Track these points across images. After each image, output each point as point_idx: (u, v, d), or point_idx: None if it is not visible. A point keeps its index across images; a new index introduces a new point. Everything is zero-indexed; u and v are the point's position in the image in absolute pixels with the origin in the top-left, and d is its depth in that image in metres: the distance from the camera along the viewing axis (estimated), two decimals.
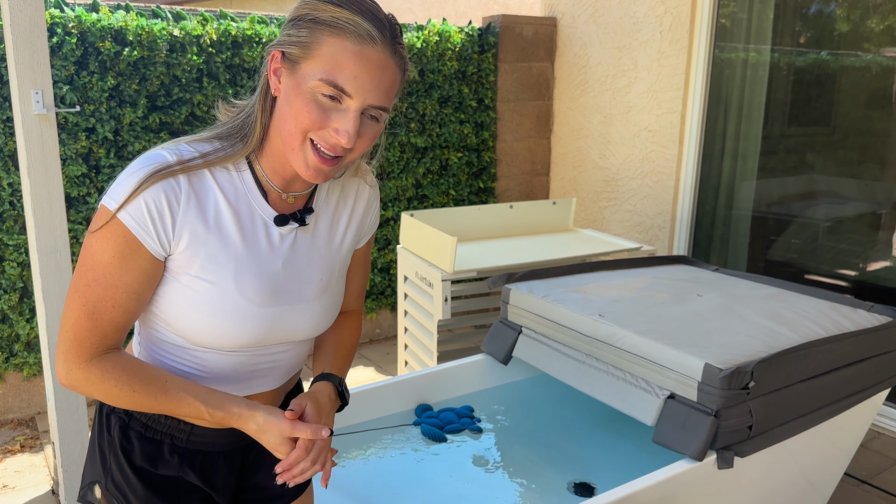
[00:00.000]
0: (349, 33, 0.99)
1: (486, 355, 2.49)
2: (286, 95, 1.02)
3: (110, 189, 1.03)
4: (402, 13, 7.57)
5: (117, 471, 1.15)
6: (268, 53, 1.05)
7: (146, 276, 1.04)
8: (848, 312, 2.25)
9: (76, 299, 1.02)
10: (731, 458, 1.79)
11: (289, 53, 1.02)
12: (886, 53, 3.25)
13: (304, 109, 1.00)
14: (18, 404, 3.42)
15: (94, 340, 1.03)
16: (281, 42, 1.03)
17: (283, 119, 1.03)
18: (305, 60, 1.00)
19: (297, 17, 1.02)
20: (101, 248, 1.01)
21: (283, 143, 1.05)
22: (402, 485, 1.93)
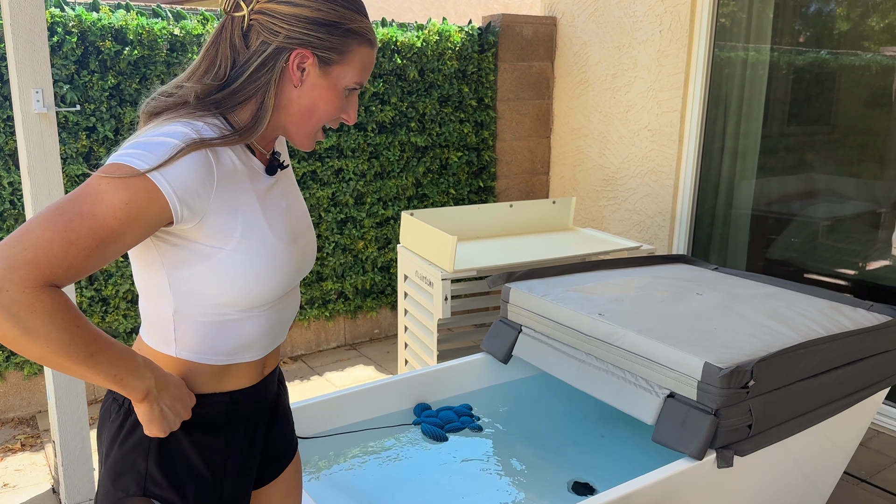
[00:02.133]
0: (370, 41, 1.17)
1: (485, 354, 2.49)
2: (313, 88, 1.14)
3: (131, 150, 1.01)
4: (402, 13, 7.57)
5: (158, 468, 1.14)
6: (290, 50, 1.11)
7: (145, 235, 1.02)
8: (847, 311, 2.25)
9: (57, 222, 0.94)
10: (730, 458, 1.79)
11: (322, 55, 1.12)
12: (886, 52, 3.25)
13: (335, 103, 1.17)
14: (19, 403, 3.42)
15: (55, 272, 0.94)
16: (312, 44, 1.11)
17: (303, 105, 1.15)
18: (339, 65, 1.14)
19: (328, 23, 1.12)
20: (113, 191, 0.98)
21: (293, 122, 1.17)
22: (402, 483, 1.93)
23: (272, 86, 1.12)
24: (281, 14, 1.10)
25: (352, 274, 4.26)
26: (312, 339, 4.26)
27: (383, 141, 4.19)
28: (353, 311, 4.33)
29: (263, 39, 1.11)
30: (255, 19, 1.11)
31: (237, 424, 1.21)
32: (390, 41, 4.08)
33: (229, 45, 1.13)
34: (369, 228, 4.24)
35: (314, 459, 2.03)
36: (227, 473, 1.19)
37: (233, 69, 1.13)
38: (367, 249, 4.27)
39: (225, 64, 1.13)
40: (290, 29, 1.10)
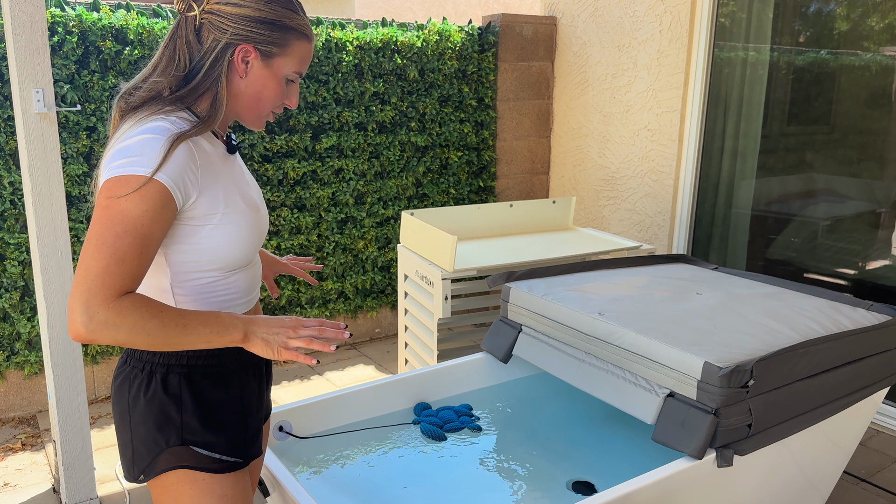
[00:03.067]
0: (306, 36, 1.35)
1: (485, 354, 2.49)
2: (257, 78, 1.32)
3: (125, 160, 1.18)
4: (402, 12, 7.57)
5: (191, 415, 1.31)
6: (235, 45, 1.28)
7: (167, 225, 1.21)
8: (847, 311, 2.26)
9: (104, 249, 1.14)
10: (730, 457, 1.80)
11: (263, 49, 1.30)
12: (885, 52, 3.25)
13: (277, 90, 1.35)
14: (20, 402, 3.42)
15: (123, 283, 1.15)
16: (255, 40, 1.29)
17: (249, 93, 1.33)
18: (280, 57, 1.32)
19: (269, 20, 1.29)
20: (133, 205, 1.16)
21: (242, 106, 1.35)
22: (402, 483, 1.93)
23: (223, 78, 1.30)
24: (227, 14, 1.27)
25: (352, 273, 4.26)
26: None
27: (383, 141, 4.19)
28: (353, 310, 4.34)
29: (214, 37, 1.28)
30: (206, 18, 1.28)
31: (247, 370, 1.41)
32: (390, 41, 4.09)
33: (185, 41, 1.30)
34: (369, 228, 4.25)
35: (314, 459, 2.03)
36: (248, 411, 1.40)
37: (192, 63, 1.30)
38: (367, 249, 4.28)
39: (184, 58, 1.30)
40: (236, 27, 1.27)
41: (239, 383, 1.39)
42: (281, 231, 3.92)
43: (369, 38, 4.01)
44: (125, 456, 1.35)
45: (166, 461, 1.31)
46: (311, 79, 3.86)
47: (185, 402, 1.31)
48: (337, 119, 4.00)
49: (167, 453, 1.30)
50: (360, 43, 3.98)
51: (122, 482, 2.86)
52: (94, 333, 1.12)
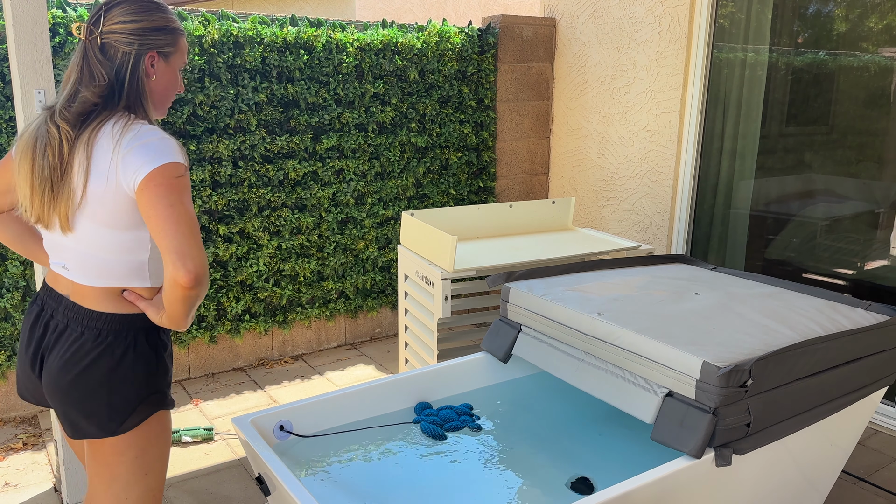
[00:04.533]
0: (183, 32, 1.65)
1: (485, 353, 2.50)
2: (163, 76, 1.61)
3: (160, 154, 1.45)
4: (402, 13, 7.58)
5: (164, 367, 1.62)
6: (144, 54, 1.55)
7: None
8: (846, 311, 2.26)
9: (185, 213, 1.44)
10: (729, 456, 1.81)
11: (163, 52, 1.59)
12: (884, 53, 3.26)
13: (177, 81, 1.65)
14: (21, 402, 3.43)
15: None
16: (157, 46, 1.57)
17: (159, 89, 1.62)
18: (173, 55, 1.62)
19: (161, 27, 1.57)
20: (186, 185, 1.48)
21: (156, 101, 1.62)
22: (402, 482, 1.94)
23: (143, 83, 1.57)
24: (126, 31, 1.53)
25: (352, 273, 4.27)
26: (313, 338, 4.27)
27: (384, 141, 4.20)
28: (353, 310, 4.35)
29: (123, 51, 1.53)
30: (107, 38, 1.53)
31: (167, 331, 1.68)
32: (391, 42, 4.10)
33: (96, 59, 1.53)
34: (370, 228, 4.26)
35: (315, 458, 2.04)
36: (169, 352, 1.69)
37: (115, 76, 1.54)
38: (367, 249, 4.28)
39: (100, 73, 1.53)
40: (139, 39, 1.54)
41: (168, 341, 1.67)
42: (282, 231, 3.93)
43: (370, 39, 4.02)
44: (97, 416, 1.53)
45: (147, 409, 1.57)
46: (312, 80, 3.88)
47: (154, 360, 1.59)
48: (337, 120, 4.01)
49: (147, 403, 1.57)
50: (361, 44, 3.99)
51: None
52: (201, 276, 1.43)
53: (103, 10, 1.54)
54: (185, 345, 3.81)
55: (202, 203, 3.67)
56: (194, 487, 2.83)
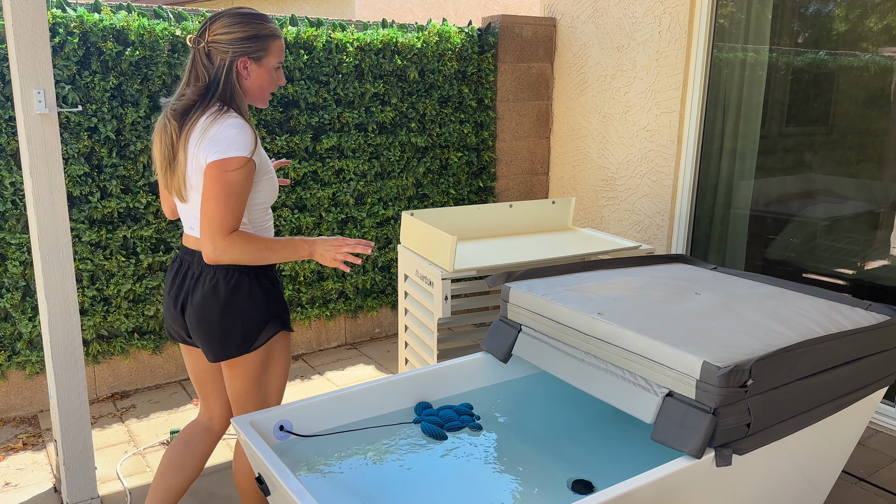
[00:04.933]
0: (278, 36, 1.95)
1: (485, 353, 2.50)
2: (257, 76, 1.94)
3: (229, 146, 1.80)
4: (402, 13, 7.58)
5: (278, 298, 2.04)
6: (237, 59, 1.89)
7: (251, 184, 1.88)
8: (846, 311, 2.26)
9: (221, 204, 1.81)
10: (729, 456, 1.81)
11: (254, 56, 1.91)
12: (884, 53, 3.26)
13: (272, 79, 1.97)
14: (21, 402, 3.43)
15: (233, 223, 1.84)
16: (248, 52, 1.90)
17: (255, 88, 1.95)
18: (265, 57, 1.93)
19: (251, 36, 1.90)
20: (240, 177, 1.82)
21: (252, 96, 1.97)
22: (402, 482, 1.94)
23: (236, 83, 1.91)
24: (224, 41, 1.88)
25: (352, 273, 4.27)
26: (313, 338, 4.28)
27: (384, 141, 4.20)
28: (353, 310, 4.35)
29: (220, 57, 1.88)
30: (211, 46, 1.88)
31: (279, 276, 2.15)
32: (391, 42, 4.10)
33: (202, 64, 1.89)
34: (370, 228, 4.26)
35: (315, 458, 2.04)
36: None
37: (211, 77, 1.88)
38: None
39: (203, 75, 1.89)
40: (234, 49, 1.88)
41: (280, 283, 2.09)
42: (282, 231, 3.93)
43: (370, 39, 4.02)
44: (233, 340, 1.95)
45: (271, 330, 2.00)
46: (312, 80, 3.88)
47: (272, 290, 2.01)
48: (337, 120, 4.01)
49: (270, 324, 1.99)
50: (361, 44, 3.99)
51: (122, 482, 2.86)
52: (220, 256, 1.83)
53: (208, 23, 1.89)
54: None
55: None
56: (194, 487, 2.83)
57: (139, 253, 3.55)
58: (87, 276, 3.44)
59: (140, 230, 3.52)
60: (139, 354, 3.71)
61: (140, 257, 3.54)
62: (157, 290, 3.64)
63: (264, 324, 1.99)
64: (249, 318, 1.96)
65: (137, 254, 3.55)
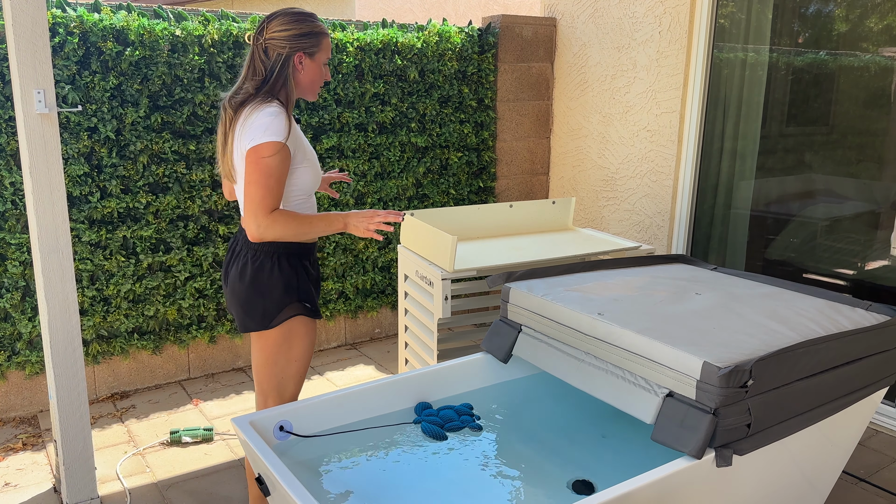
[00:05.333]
0: (327, 34, 2.12)
1: (485, 353, 2.50)
2: (310, 71, 2.11)
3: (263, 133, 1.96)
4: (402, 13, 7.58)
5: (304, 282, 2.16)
6: (293, 55, 2.06)
7: (287, 168, 2.03)
8: (846, 311, 2.26)
9: (260, 187, 1.97)
10: (729, 456, 1.80)
11: (308, 52, 2.09)
12: (884, 53, 3.26)
13: (321, 73, 2.15)
14: (20, 402, 3.43)
15: (272, 203, 2.00)
16: (303, 47, 2.07)
17: (307, 82, 2.13)
18: (317, 53, 2.11)
19: (306, 33, 2.07)
20: (275, 162, 1.98)
21: (304, 89, 2.14)
22: (402, 482, 1.94)
23: (290, 77, 2.08)
24: (281, 38, 2.04)
25: (352, 274, 4.27)
26: None
27: (384, 141, 4.20)
28: (353, 310, 4.35)
29: (278, 52, 2.04)
30: (269, 43, 2.05)
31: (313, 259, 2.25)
32: (391, 42, 4.10)
33: (259, 59, 2.06)
34: None
35: (315, 458, 2.04)
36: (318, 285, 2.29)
37: (268, 71, 2.05)
38: (367, 249, 4.28)
39: (260, 69, 2.06)
40: (290, 44, 2.05)
41: (317, 264, 2.27)
42: None
43: (370, 39, 4.02)
44: (255, 314, 2.12)
45: (289, 312, 2.13)
46: None
47: (302, 274, 2.15)
48: (337, 120, 4.01)
49: (289, 307, 2.13)
50: (361, 44, 3.99)
51: (122, 482, 2.86)
52: (263, 234, 1.99)
53: (266, 21, 2.06)
54: (184, 345, 3.81)
55: (202, 203, 3.67)
56: (194, 487, 2.83)
57: (139, 253, 3.55)
58: (87, 276, 3.44)
59: (140, 230, 3.52)
60: (139, 354, 3.71)
61: (140, 257, 3.54)
62: (156, 290, 3.64)
63: (284, 305, 2.12)
64: (270, 298, 2.11)
65: (137, 254, 3.55)
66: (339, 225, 2.08)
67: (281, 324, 2.13)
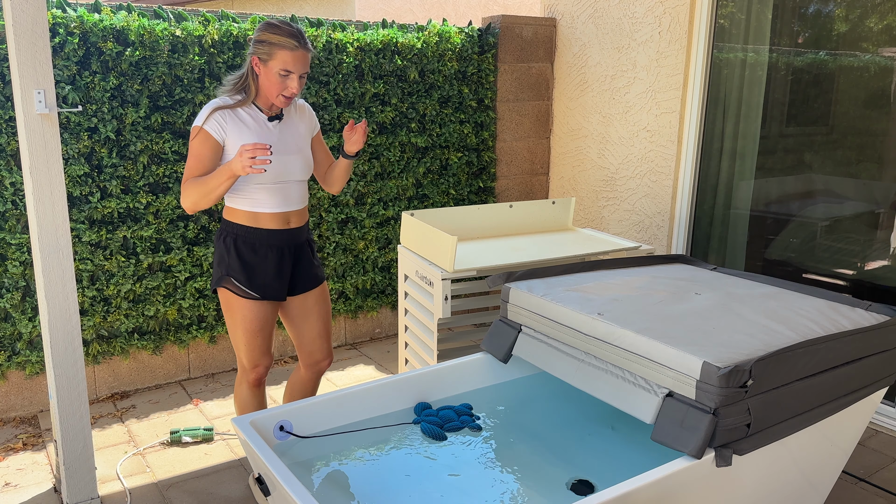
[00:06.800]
0: (285, 47, 2.26)
1: (485, 354, 2.50)
2: (265, 76, 2.30)
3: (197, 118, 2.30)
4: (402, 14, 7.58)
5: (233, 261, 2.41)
6: (249, 57, 2.31)
7: (213, 152, 2.31)
8: (846, 311, 2.26)
9: (189, 164, 2.29)
10: (729, 456, 1.81)
11: (261, 58, 2.28)
12: (884, 53, 3.26)
13: (275, 83, 2.30)
14: (21, 402, 3.43)
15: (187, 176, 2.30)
16: (256, 52, 2.28)
17: (265, 86, 2.32)
18: (270, 61, 2.28)
19: (261, 41, 2.27)
20: (197, 142, 2.28)
21: (265, 93, 2.33)
22: (402, 482, 1.94)
23: (249, 76, 2.34)
24: (251, 40, 2.32)
25: (352, 274, 4.27)
26: None
27: (384, 142, 4.20)
28: (353, 310, 4.35)
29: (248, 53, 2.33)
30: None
31: (268, 248, 2.44)
32: (391, 42, 4.10)
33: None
34: (370, 229, 4.26)
35: (315, 458, 2.04)
36: (258, 270, 2.43)
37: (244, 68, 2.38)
38: (367, 249, 4.28)
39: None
40: (252, 47, 2.30)
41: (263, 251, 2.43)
42: None
43: (370, 39, 4.02)
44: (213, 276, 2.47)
45: (220, 282, 2.43)
46: (312, 80, 3.88)
47: (231, 253, 2.40)
48: (337, 120, 4.01)
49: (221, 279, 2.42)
50: (361, 44, 3.99)
51: (122, 482, 2.86)
52: (182, 202, 2.30)
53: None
54: (184, 345, 3.81)
55: None
56: (194, 487, 2.83)
57: (139, 253, 3.55)
58: (87, 276, 3.44)
59: (140, 230, 3.52)
60: (139, 354, 3.71)
61: (140, 257, 3.54)
62: (156, 290, 3.64)
63: (217, 276, 2.45)
64: (215, 266, 2.47)
65: (137, 254, 3.55)
66: (226, 173, 2.21)
67: (216, 291, 2.48)
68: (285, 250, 2.46)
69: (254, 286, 2.41)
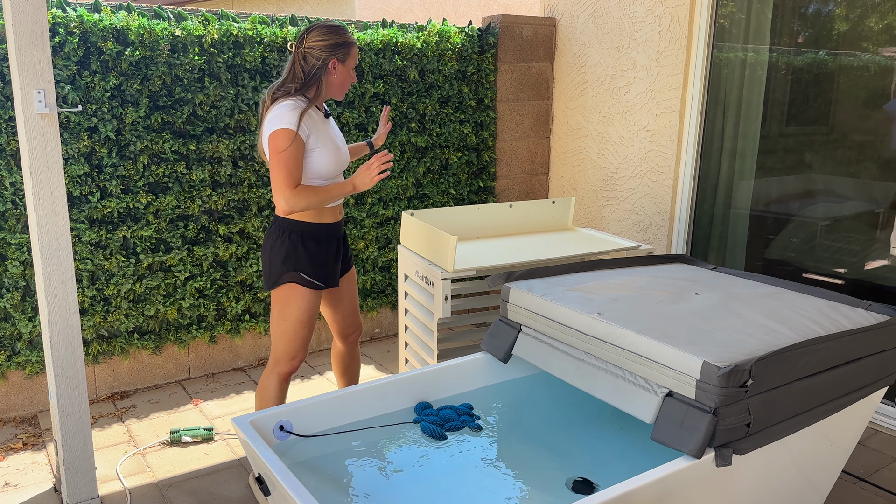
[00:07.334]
0: (355, 43, 2.51)
1: (485, 353, 2.50)
2: (341, 74, 2.50)
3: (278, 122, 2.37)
4: (402, 13, 7.58)
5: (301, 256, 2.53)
6: (329, 61, 2.45)
7: (302, 151, 2.40)
8: (846, 311, 2.26)
9: (282, 169, 2.36)
10: (729, 456, 1.81)
11: (341, 59, 2.47)
12: (884, 53, 3.26)
13: (350, 77, 2.53)
14: (21, 402, 3.43)
15: (294, 181, 2.38)
16: (336, 55, 2.45)
17: (339, 83, 2.52)
18: (348, 59, 2.50)
19: (339, 43, 2.46)
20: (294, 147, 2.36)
21: (335, 90, 2.52)
22: (402, 482, 1.94)
23: (322, 79, 2.47)
24: (318, 48, 2.44)
25: None
26: (313, 338, 4.27)
27: (384, 141, 4.19)
28: None
29: (314, 60, 2.44)
30: (308, 51, 2.44)
31: (330, 239, 2.61)
32: (391, 42, 4.10)
33: (299, 65, 2.45)
34: (370, 228, 4.26)
35: (315, 458, 2.04)
36: (324, 262, 2.59)
37: (306, 74, 2.45)
38: (367, 249, 4.28)
39: (299, 73, 2.45)
40: (326, 54, 2.44)
41: (325, 243, 2.59)
42: None
43: (370, 39, 4.02)
44: (265, 276, 2.59)
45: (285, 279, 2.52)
46: None
47: (299, 248, 2.52)
48: (337, 120, 4.01)
49: (287, 275, 2.52)
50: (361, 44, 3.99)
51: (122, 482, 2.87)
52: (292, 206, 2.38)
53: (305, 33, 2.45)
54: (184, 345, 3.81)
55: (202, 203, 3.67)
56: (194, 487, 2.83)
57: (139, 253, 3.55)
58: (87, 276, 3.44)
59: (140, 230, 3.52)
60: (139, 354, 3.71)
61: (140, 257, 3.54)
62: (156, 290, 3.64)
63: (281, 273, 2.52)
64: (272, 265, 2.54)
65: (137, 254, 3.55)
66: (349, 188, 2.43)
67: (277, 287, 2.54)
68: (340, 240, 2.67)
69: (321, 276, 2.57)
